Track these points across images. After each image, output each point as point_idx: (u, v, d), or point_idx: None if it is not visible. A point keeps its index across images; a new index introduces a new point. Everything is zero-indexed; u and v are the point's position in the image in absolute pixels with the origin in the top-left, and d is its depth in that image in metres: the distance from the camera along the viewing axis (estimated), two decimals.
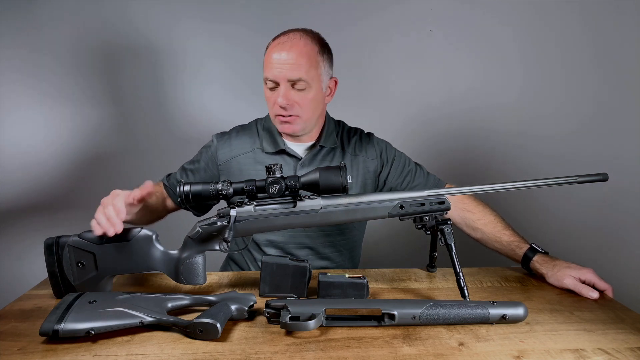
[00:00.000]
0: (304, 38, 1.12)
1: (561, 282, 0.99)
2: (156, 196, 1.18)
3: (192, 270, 0.93)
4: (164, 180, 1.26)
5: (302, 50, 1.10)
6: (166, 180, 1.25)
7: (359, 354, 0.73)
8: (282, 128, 1.16)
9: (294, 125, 1.15)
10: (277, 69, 1.09)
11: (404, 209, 0.92)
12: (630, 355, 0.73)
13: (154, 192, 1.13)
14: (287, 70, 1.09)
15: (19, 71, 1.80)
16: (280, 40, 1.12)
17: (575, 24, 1.84)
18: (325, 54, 1.16)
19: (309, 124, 1.18)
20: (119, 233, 0.90)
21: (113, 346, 0.75)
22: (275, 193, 0.88)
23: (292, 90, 1.11)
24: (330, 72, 1.20)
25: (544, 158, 1.91)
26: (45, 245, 0.92)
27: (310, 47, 1.12)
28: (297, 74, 1.09)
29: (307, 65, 1.10)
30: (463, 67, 1.91)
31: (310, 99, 1.13)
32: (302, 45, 1.10)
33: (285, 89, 1.11)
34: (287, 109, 1.12)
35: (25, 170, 1.85)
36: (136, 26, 1.85)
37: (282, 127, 1.16)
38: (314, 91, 1.13)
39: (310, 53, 1.11)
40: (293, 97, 1.11)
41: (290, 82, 1.10)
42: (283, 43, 1.11)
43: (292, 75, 1.09)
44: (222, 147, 1.24)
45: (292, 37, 1.12)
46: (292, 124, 1.14)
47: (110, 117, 1.89)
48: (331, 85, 1.21)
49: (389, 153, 1.27)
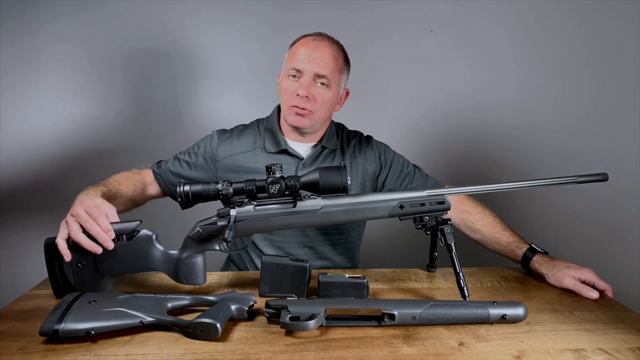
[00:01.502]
0: (335, 45, 1.19)
1: (561, 282, 0.99)
2: (134, 185, 1.16)
3: (192, 270, 0.93)
4: (153, 167, 1.25)
5: (332, 52, 1.16)
6: (156, 167, 1.24)
7: (359, 354, 0.73)
8: (294, 120, 1.17)
9: (305, 119, 1.16)
10: (306, 61, 1.14)
11: (404, 209, 0.92)
12: (630, 355, 0.73)
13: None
14: (318, 65, 1.14)
15: (18, 69, 1.80)
16: (314, 37, 1.18)
17: (573, 22, 1.85)
18: (347, 65, 1.23)
19: (318, 123, 1.20)
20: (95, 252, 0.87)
21: (113, 346, 0.75)
22: (275, 193, 0.88)
23: (314, 85, 1.15)
24: (346, 82, 1.25)
25: (543, 157, 1.91)
26: (45, 245, 0.92)
27: (338, 53, 1.19)
28: (325, 70, 1.14)
29: (333, 67, 1.16)
30: (463, 67, 1.91)
31: (327, 99, 1.17)
32: (334, 49, 1.18)
33: (308, 81, 1.14)
34: (304, 100, 1.14)
35: (25, 170, 1.85)
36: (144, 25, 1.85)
37: (293, 118, 1.17)
38: (332, 93, 1.18)
39: (338, 58, 1.18)
40: (313, 91, 1.15)
41: (316, 76, 1.14)
42: (316, 41, 1.17)
43: (320, 70, 1.14)
44: (222, 144, 1.24)
45: (325, 39, 1.18)
46: (304, 117, 1.16)
47: (112, 117, 1.89)
48: (343, 95, 1.25)
49: (387, 155, 1.28)
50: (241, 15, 1.87)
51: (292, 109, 1.16)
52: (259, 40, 1.87)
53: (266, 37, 1.87)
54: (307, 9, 1.86)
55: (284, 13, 1.86)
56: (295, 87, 1.15)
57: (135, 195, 1.17)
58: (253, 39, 1.87)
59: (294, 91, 1.15)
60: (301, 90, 1.13)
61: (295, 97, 1.15)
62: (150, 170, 1.24)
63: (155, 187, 1.23)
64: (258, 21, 1.87)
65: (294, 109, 1.16)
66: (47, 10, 1.79)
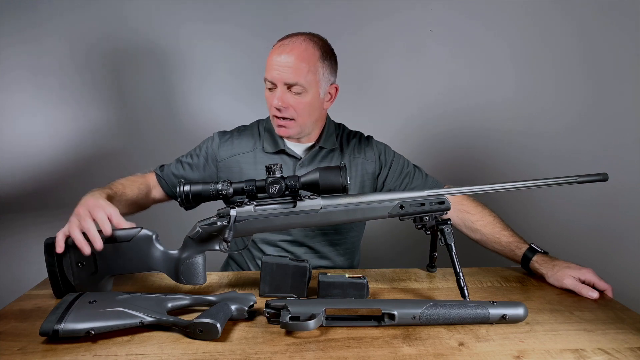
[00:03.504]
0: (305, 42, 1.12)
1: (561, 282, 0.99)
2: (138, 189, 1.17)
3: (192, 270, 0.93)
4: (156, 170, 1.25)
5: (301, 54, 1.10)
6: (159, 171, 1.25)
7: (359, 354, 0.73)
8: (278, 131, 1.18)
9: (289, 129, 1.16)
10: (276, 70, 1.10)
11: (404, 209, 0.92)
12: (630, 355, 0.73)
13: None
14: (284, 74, 1.09)
15: (19, 69, 1.80)
16: (282, 42, 1.13)
17: (571, 23, 1.84)
18: (327, 61, 1.16)
19: (305, 128, 1.18)
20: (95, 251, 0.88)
21: (113, 346, 0.75)
22: (275, 193, 0.89)
23: (289, 93, 1.12)
24: (332, 78, 1.19)
25: (543, 157, 1.91)
26: (45, 245, 0.92)
27: (310, 52, 1.11)
28: (294, 78, 1.09)
29: (304, 70, 1.10)
30: (463, 67, 1.91)
31: (306, 104, 1.13)
32: (302, 50, 1.10)
33: (281, 91, 1.11)
34: (281, 110, 1.13)
35: (26, 170, 1.85)
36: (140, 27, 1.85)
37: (278, 129, 1.18)
38: (311, 96, 1.13)
39: (310, 58, 1.11)
40: (289, 100, 1.12)
41: (286, 85, 1.11)
42: (284, 46, 1.11)
43: (288, 78, 1.10)
44: (223, 145, 1.24)
45: (295, 41, 1.12)
46: (287, 127, 1.15)
47: (111, 117, 1.89)
48: (331, 92, 1.21)
49: (387, 155, 1.28)
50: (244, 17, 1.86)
51: (275, 120, 1.16)
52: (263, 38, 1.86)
53: (266, 38, 1.86)
54: (309, 8, 1.86)
55: (284, 13, 1.85)
56: (272, 98, 1.13)
57: (139, 199, 1.17)
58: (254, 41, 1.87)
59: (271, 103, 1.14)
60: (275, 102, 1.11)
61: (274, 108, 1.13)
62: (153, 174, 1.25)
63: (159, 191, 1.24)
64: (261, 23, 1.86)
65: (276, 120, 1.16)
66: (45, 10, 1.78)
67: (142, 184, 1.19)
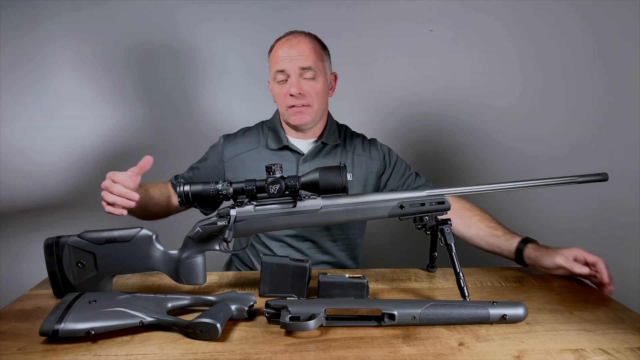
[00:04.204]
0: (308, 36, 1.22)
1: (554, 261, 1.02)
2: (160, 191, 1.19)
3: (192, 270, 0.93)
4: (172, 180, 1.28)
5: (308, 44, 1.19)
6: (174, 180, 1.27)
7: (359, 354, 0.73)
8: (295, 119, 1.20)
9: (306, 115, 1.19)
10: (288, 60, 1.16)
11: (404, 209, 0.92)
12: (630, 355, 0.73)
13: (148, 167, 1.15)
14: (298, 60, 1.17)
15: (22, 69, 1.80)
16: (287, 38, 1.21)
17: (575, 24, 1.84)
18: (326, 52, 1.26)
19: (318, 115, 1.23)
20: (136, 201, 0.94)
21: (113, 346, 0.75)
22: (275, 193, 0.89)
23: (302, 80, 1.18)
24: (331, 68, 1.27)
25: (542, 157, 1.91)
26: (45, 245, 0.92)
27: (314, 43, 1.21)
28: (308, 62, 1.17)
29: (314, 57, 1.18)
30: (462, 67, 1.91)
31: (319, 89, 1.20)
32: (308, 41, 1.20)
33: (296, 79, 1.17)
34: (298, 98, 1.17)
35: (25, 170, 1.84)
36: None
37: (295, 118, 1.20)
38: (321, 82, 1.20)
39: (316, 47, 1.21)
40: (304, 86, 1.17)
41: (301, 70, 1.17)
42: (290, 40, 1.20)
43: (303, 63, 1.17)
44: (228, 146, 1.28)
45: (298, 35, 1.21)
46: (304, 113, 1.19)
47: (112, 118, 1.88)
48: (332, 80, 1.28)
49: (391, 156, 1.31)
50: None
51: (290, 110, 1.19)
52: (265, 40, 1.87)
53: (266, 37, 1.86)
54: (309, 5, 1.85)
55: (283, 9, 1.85)
56: (286, 89, 1.18)
57: (161, 201, 1.17)
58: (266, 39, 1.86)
59: (286, 93, 1.18)
60: (293, 89, 1.16)
61: (290, 97, 1.17)
62: (169, 183, 1.26)
63: (176, 198, 1.24)
64: (261, 23, 1.86)
65: (292, 110, 1.19)
66: (49, 8, 1.78)
67: (163, 188, 1.21)
